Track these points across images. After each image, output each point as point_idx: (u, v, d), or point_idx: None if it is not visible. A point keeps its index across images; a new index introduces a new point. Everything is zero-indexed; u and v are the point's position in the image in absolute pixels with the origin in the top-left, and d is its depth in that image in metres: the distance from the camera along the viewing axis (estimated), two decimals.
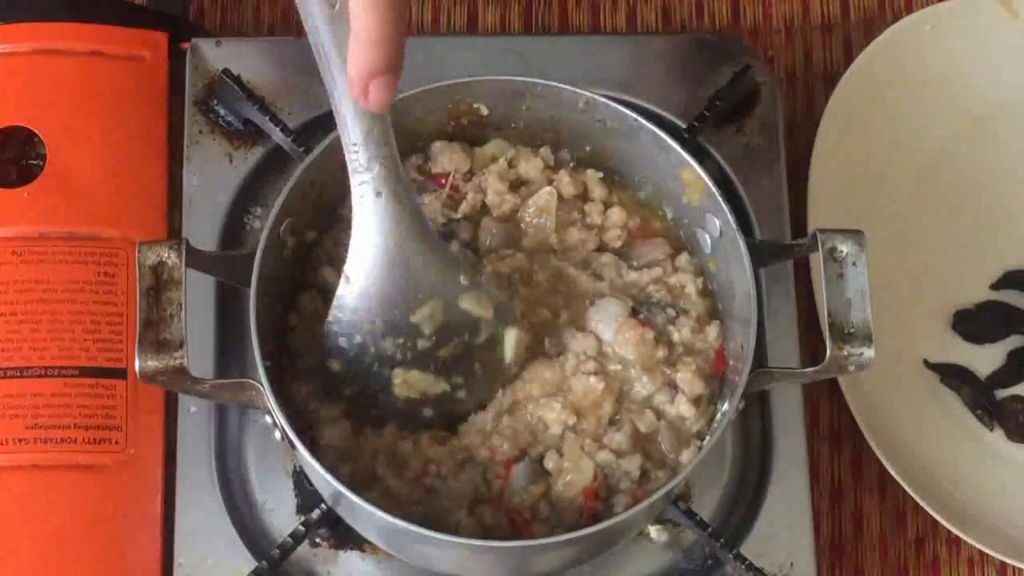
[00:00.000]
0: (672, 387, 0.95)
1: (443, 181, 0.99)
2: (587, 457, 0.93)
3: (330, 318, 0.92)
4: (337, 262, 0.94)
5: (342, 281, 0.90)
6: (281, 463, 1.02)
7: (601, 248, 0.99)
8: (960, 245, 1.15)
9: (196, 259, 0.90)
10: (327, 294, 0.95)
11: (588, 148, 1.00)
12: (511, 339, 0.93)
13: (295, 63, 1.09)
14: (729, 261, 0.94)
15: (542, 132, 1.00)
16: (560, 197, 0.99)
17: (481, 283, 0.92)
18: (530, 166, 1.00)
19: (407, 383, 0.92)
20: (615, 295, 0.97)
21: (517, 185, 1.00)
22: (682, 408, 0.94)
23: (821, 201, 1.10)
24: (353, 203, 0.88)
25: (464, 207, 0.99)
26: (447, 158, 0.99)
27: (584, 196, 1.00)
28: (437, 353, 0.92)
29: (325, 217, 0.98)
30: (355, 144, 0.86)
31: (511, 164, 1.00)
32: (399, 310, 0.90)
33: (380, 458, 0.93)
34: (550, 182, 1.00)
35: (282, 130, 1.03)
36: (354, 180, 0.87)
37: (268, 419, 0.93)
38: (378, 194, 0.87)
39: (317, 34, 0.82)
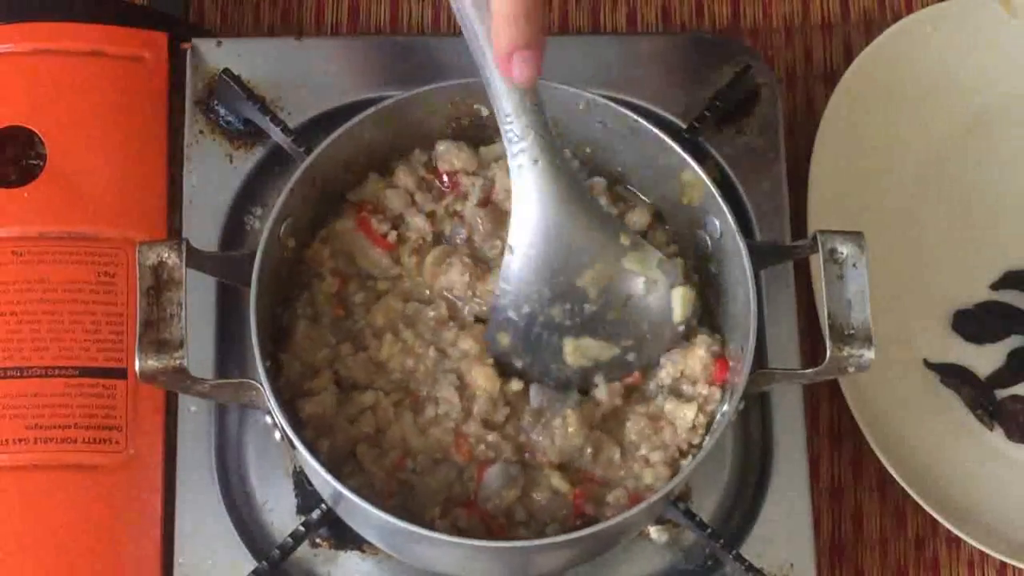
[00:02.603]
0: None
1: (448, 179, 1.00)
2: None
3: (497, 291, 0.93)
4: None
5: (506, 253, 0.92)
6: (281, 463, 1.02)
7: None
8: (960, 245, 1.15)
9: (196, 259, 0.90)
10: (384, 209, 0.98)
11: (588, 149, 1.00)
12: (678, 297, 0.94)
13: (295, 63, 1.09)
14: (729, 262, 0.95)
15: None
16: None
17: (641, 242, 0.94)
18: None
19: (579, 350, 0.94)
20: None
21: None
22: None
23: (821, 201, 1.10)
24: (512, 175, 0.90)
25: (470, 203, 0.99)
26: (454, 156, 0.99)
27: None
28: (606, 316, 0.93)
29: (326, 215, 0.98)
30: (508, 115, 0.88)
31: None
32: (564, 275, 0.92)
33: (361, 443, 0.93)
34: None
35: (282, 130, 1.03)
36: (510, 150, 0.89)
37: (268, 419, 0.93)
38: (535, 161, 0.89)
39: (464, 12, 0.86)
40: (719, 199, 0.94)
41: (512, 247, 0.92)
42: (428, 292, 0.97)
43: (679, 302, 0.94)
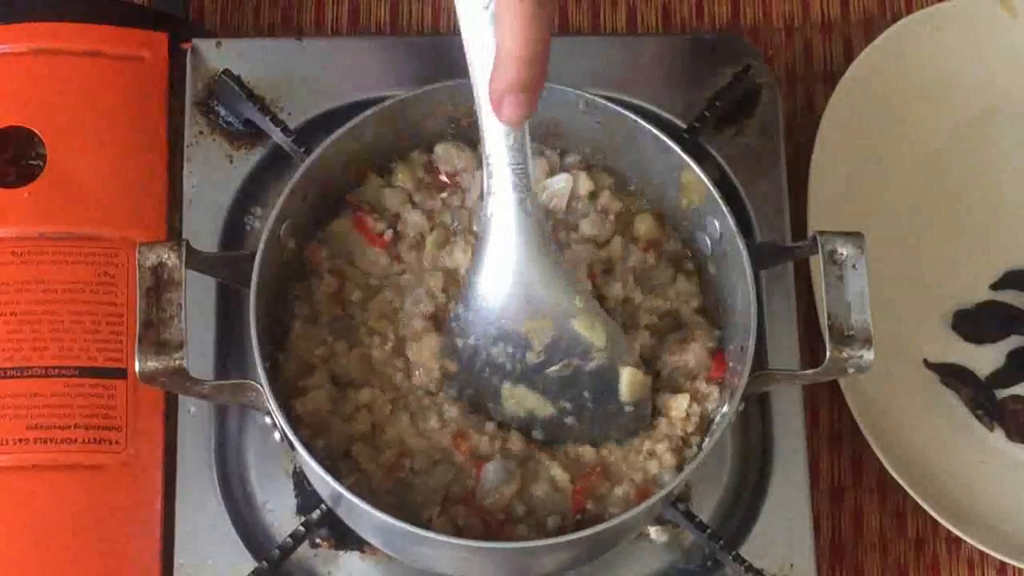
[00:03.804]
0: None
1: (448, 179, 1.00)
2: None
3: (452, 315, 0.93)
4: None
5: (469, 280, 0.91)
6: (281, 463, 1.02)
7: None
8: (960, 245, 1.15)
9: (196, 260, 0.90)
10: (381, 209, 0.98)
11: (588, 149, 1.00)
12: (626, 377, 0.93)
13: (295, 63, 1.09)
14: (729, 263, 0.94)
15: (542, 133, 1.00)
16: (575, 194, 0.99)
17: (596, 308, 0.92)
18: (535, 167, 1.00)
19: (515, 398, 0.93)
20: None
21: None
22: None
23: (821, 202, 1.10)
24: (485, 209, 0.89)
25: (471, 195, 0.98)
26: (454, 157, 0.99)
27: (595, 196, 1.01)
28: (546, 371, 0.92)
29: (326, 216, 0.98)
30: (489, 153, 0.87)
31: None
32: (513, 320, 0.90)
33: (357, 442, 0.93)
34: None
35: (282, 130, 1.03)
36: (487, 187, 0.88)
37: (268, 420, 0.93)
38: (508, 204, 0.87)
39: (471, 36, 0.84)
40: (719, 200, 0.94)
41: (474, 280, 0.91)
42: (424, 284, 0.97)
43: (626, 382, 0.93)
